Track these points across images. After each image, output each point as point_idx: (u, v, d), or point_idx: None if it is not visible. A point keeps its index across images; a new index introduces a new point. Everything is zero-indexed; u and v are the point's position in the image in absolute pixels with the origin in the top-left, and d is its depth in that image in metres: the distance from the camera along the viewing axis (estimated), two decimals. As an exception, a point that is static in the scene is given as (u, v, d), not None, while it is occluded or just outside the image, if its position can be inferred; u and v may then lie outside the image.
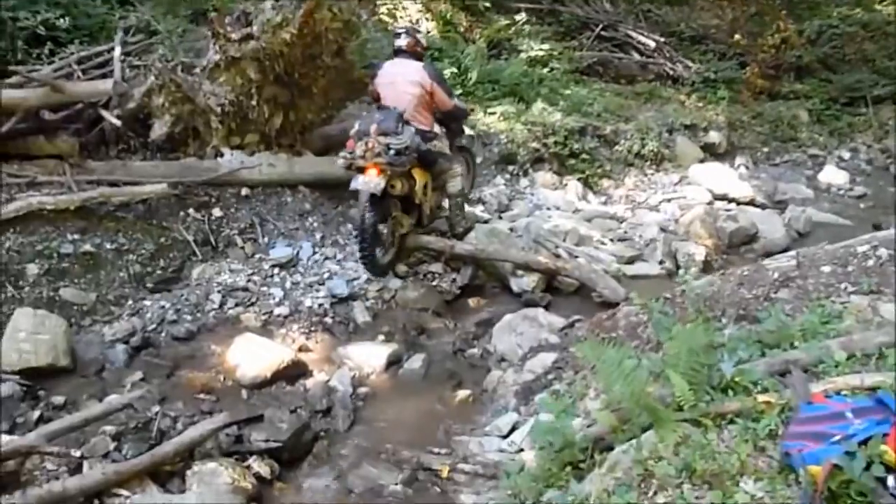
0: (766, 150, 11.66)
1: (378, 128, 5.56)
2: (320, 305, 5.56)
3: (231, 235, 6.00)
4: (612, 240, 7.54)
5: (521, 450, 3.69)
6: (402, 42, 6.29)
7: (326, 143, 6.98)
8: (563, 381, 4.15)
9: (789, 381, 3.04)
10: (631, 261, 7.05)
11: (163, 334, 5.08)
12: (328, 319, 5.49)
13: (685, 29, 13.58)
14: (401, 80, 6.11)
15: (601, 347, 3.13)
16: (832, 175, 10.94)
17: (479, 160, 8.29)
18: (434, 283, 6.14)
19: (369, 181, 5.49)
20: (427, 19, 11.32)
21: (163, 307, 5.24)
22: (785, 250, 7.87)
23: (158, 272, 5.54)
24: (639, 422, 2.93)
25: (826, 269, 4.11)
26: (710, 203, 8.95)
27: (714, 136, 10.90)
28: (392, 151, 5.49)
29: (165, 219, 5.80)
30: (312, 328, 5.37)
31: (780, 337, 3.41)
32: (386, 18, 10.88)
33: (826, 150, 12.13)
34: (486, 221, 7.34)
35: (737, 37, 13.37)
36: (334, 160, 6.69)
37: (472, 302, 6.12)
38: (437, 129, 6.46)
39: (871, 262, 4.09)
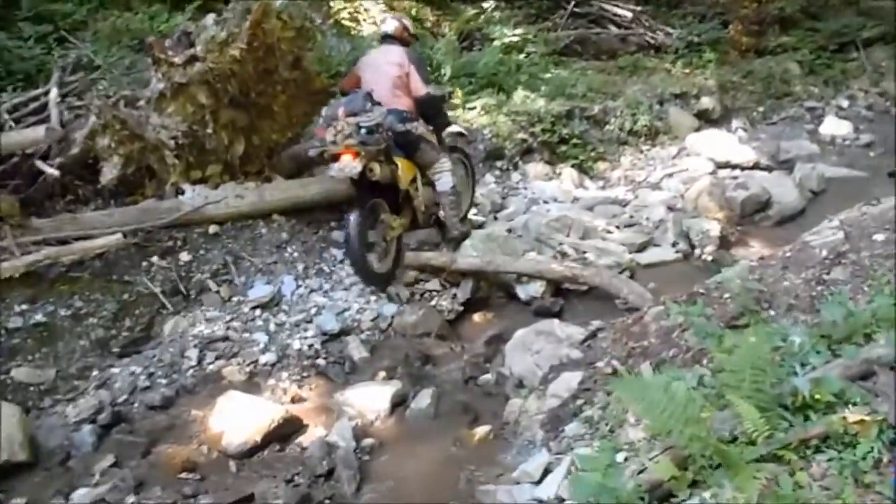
0: (761, 109, 11.11)
1: (346, 109, 5.36)
2: (310, 346, 4.96)
3: (203, 280, 5.37)
4: (618, 227, 7.01)
5: (562, 500, 3.09)
6: (389, 27, 6.20)
7: (297, 164, 6.38)
8: (594, 406, 3.56)
9: (877, 387, 2.47)
10: (642, 248, 6.53)
11: (135, 405, 4.44)
12: (321, 361, 4.89)
13: (661, -6, 13.03)
14: (382, 62, 5.97)
15: (639, 381, 2.56)
16: (834, 126, 10.43)
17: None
18: (433, 303, 5.57)
19: (344, 166, 5.20)
20: (391, 18, 10.72)
21: (133, 373, 4.62)
22: (801, 212, 7.42)
23: (125, 334, 4.89)
24: (703, 463, 2.35)
25: (879, 237, 3.55)
26: (713, 173, 8.48)
27: (706, 102, 10.38)
28: (363, 130, 5.21)
29: (127, 272, 5.16)
30: (304, 374, 4.78)
31: (849, 329, 2.84)
32: (348, 23, 10.29)
33: (823, 101, 11.58)
34: (480, 225, 6.77)
35: (716, -6, 12.80)
36: (308, 182, 6.19)
37: (477, 318, 5.57)
38: (427, 130, 6.12)
39: (931, 222, 3.52)
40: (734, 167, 8.69)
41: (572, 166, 8.55)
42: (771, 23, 12.78)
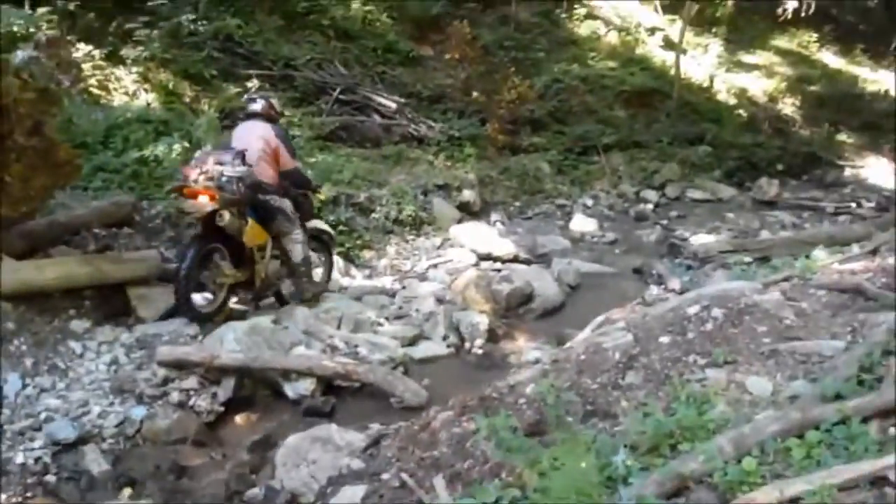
0: (517, 204, 11.67)
1: (215, 158, 5.73)
2: (38, 460, 4.17)
3: None
4: (387, 318, 6.78)
5: None
6: (257, 106, 6.45)
7: (31, 242, 5.60)
8: (381, 525, 3.21)
9: (695, 505, 2.36)
10: (414, 341, 6.34)
11: None
12: (50, 477, 4.11)
13: (422, 89, 13.41)
14: (248, 136, 6.22)
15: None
16: (582, 223, 11.10)
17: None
18: (190, 403, 4.95)
19: (197, 203, 5.60)
20: (146, 90, 10.04)
21: None
22: (561, 306, 7.64)
23: None
24: None
25: (665, 339, 3.58)
26: (476, 264, 8.61)
27: (467, 195, 10.68)
28: (224, 178, 5.56)
29: None
30: (28, 494, 3.97)
31: (655, 440, 2.74)
32: (97, 91, 9.48)
33: (571, 199, 12.39)
34: (242, 315, 6.27)
35: (474, 94, 13.38)
36: (44, 264, 5.42)
37: (240, 419, 5.02)
38: (286, 204, 6.36)
39: (709, 326, 3.62)
40: (495, 259, 8.88)
41: (338, 254, 8.29)
42: (523, 124, 13.60)
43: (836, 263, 5.85)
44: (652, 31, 18.31)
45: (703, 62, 17.87)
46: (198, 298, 5.86)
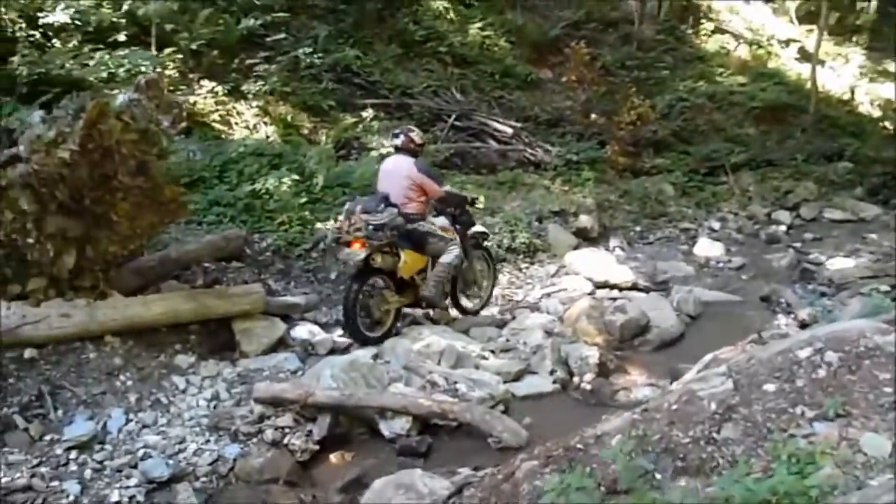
0: (638, 228, 11.21)
1: (362, 207, 6.30)
2: (131, 498, 4.21)
3: (9, 415, 4.57)
4: (493, 352, 6.56)
5: None
6: (398, 141, 6.98)
7: (141, 279, 5.75)
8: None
9: None
10: (518, 376, 6.08)
11: None
12: (142, 516, 4.16)
13: (540, 113, 13.21)
14: (394, 174, 6.81)
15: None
16: (707, 247, 10.52)
17: (333, 276, 7.41)
18: (284, 441, 4.90)
19: (351, 253, 6.24)
20: (265, 123, 10.31)
21: None
22: (680, 337, 7.22)
23: None
24: None
25: (770, 387, 3.20)
26: (591, 293, 8.25)
27: (585, 220, 10.33)
28: (371, 227, 6.17)
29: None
30: (120, 532, 4.03)
31: (749, 509, 2.43)
32: (219, 126, 9.81)
33: (696, 222, 11.83)
34: (346, 349, 6.24)
35: (593, 116, 13.05)
36: (151, 300, 5.55)
37: (335, 458, 4.92)
38: (442, 221, 7.03)
39: (822, 373, 3.21)
40: (612, 287, 8.51)
41: (447, 286, 8.17)
42: (645, 145, 13.15)
43: None
44: (786, 42, 17.44)
45: (842, 73, 16.84)
46: (365, 326, 6.42)
